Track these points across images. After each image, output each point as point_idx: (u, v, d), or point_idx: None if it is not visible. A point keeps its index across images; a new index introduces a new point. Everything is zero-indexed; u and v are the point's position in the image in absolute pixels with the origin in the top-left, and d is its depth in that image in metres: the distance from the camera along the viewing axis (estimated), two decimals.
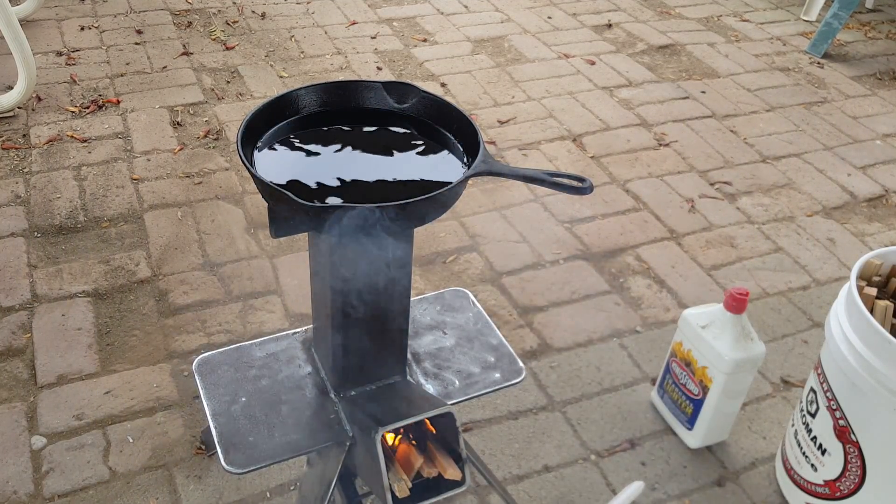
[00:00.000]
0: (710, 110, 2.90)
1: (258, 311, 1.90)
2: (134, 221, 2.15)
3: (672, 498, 1.57)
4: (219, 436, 1.16)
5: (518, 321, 1.94)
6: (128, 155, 2.40)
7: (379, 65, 2.99)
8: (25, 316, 1.84)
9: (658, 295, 2.05)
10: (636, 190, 2.44)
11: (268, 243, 2.11)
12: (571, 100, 2.88)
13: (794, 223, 2.36)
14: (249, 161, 1.00)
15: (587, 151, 2.60)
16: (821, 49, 3.33)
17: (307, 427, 1.18)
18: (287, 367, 1.27)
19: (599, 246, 2.21)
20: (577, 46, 3.25)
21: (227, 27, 3.15)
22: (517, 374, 1.30)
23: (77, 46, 2.93)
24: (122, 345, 1.79)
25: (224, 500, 1.50)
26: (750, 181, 2.53)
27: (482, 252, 2.14)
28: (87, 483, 1.51)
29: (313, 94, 1.11)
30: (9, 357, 1.75)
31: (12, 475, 1.52)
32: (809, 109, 2.97)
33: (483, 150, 0.99)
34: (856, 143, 2.78)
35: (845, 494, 1.43)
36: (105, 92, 2.68)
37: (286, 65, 2.94)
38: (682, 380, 1.63)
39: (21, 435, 1.59)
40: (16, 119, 2.51)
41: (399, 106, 1.12)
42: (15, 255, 2.01)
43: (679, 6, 3.69)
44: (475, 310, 1.41)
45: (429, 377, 1.28)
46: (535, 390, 1.77)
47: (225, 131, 2.53)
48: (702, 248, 2.23)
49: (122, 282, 1.95)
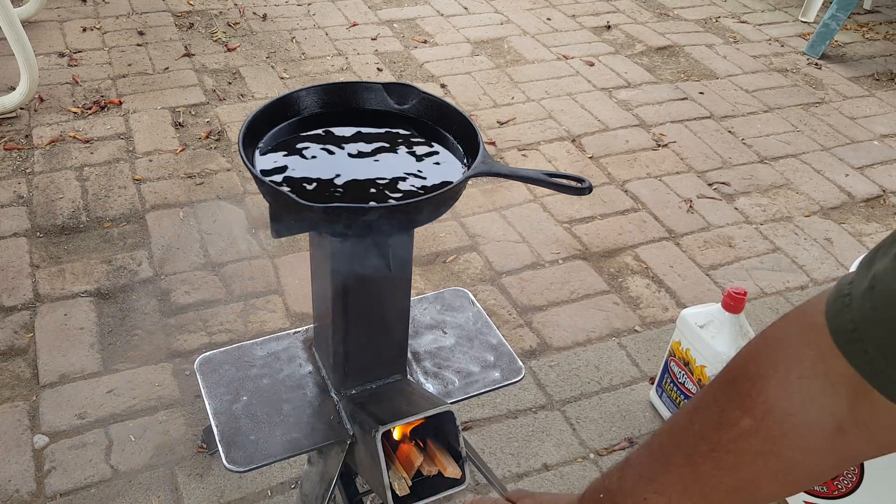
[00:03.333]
0: (709, 111, 2.91)
1: (259, 310, 1.91)
2: (136, 221, 2.15)
3: None
4: (220, 434, 1.16)
5: (517, 320, 1.95)
6: (130, 155, 2.41)
7: (379, 66, 3.00)
8: (28, 315, 1.85)
9: (656, 294, 2.06)
10: (635, 190, 2.45)
11: (269, 243, 2.12)
12: (570, 101, 2.88)
13: (792, 223, 2.37)
14: (251, 161, 1.01)
15: (586, 152, 2.61)
16: (818, 50, 3.34)
17: (308, 426, 1.19)
18: (288, 366, 1.28)
19: (598, 246, 2.22)
20: (576, 48, 3.26)
21: (228, 28, 3.16)
22: (516, 373, 1.31)
23: (79, 47, 2.94)
24: (123, 344, 1.80)
25: (225, 499, 1.51)
26: (748, 181, 2.54)
27: (482, 252, 2.15)
28: (88, 482, 1.52)
29: (314, 95, 1.11)
30: (11, 356, 1.76)
31: (14, 474, 1.53)
32: (807, 110, 2.98)
33: (483, 150, 1.00)
34: (853, 143, 2.79)
35: (843, 493, 1.43)
36: (107, 93, 2.69)
37: (287, 66, 2.95)
38: (681, 379, 1.64)
39: (23, 434, 1.60)
40: (18, 120, 2.52)
41: (399, 107, 1.13)
42: (17, 255, 2.01)
43: (677, 8, 3.70)
44: (475, 309, 1.42)
45: (429, 376, 1.29)
46: (534, 389, 1.78)
47: (226, 132, 2.54)
48: (700, 248, 2.24)
49: (124, 281, 1.96)
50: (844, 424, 0.57)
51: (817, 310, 0.57)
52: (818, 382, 0.57)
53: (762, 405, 0.60)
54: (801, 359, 0.58)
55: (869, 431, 0.56)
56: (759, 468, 0.61)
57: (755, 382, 0.60)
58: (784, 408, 0.59)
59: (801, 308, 0.60)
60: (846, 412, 0.56)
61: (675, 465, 0.66)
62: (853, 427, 0.56)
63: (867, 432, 0.56)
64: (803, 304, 0.60)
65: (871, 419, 0.55)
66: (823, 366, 0.56)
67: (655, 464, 0.69)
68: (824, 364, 0.56)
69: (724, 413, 0.62)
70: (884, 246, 0.53)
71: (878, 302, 0.51)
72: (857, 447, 0.58)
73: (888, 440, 0.57)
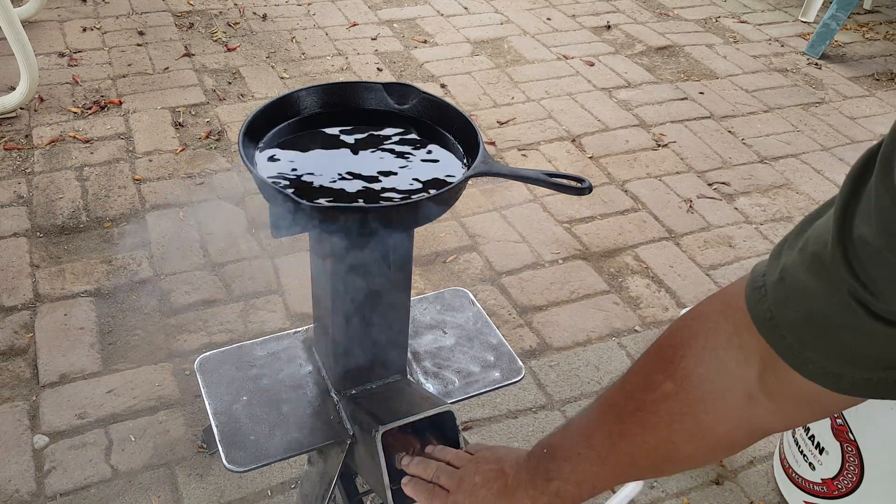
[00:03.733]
0: (709, 111, 2.91)
1: (259, 310, 1.91)
2: (136, 221, 2.15)
3: (671, 496, 1.58)
4: (220, 434, 1.16)
5: (517, 320, 1.95)
6: (130, 155, 2.41)
7: (379, 66, 3.00)
8: (28, 315, 1.85)
9: (656, 294, 2.06)
10: (635, 190, 2.45)
11: (269, 243, 2.12)
12: (570, 101, 2.89)
13: (792, 223, 2.37)
14: (251, 161, 1.01)
15: (586, 152, 2.61)
16: (818, 50, 3.34)
17: (308, 426, 1.19)
18: (288, 366, 1.28)
19: (598, 246, 2.22)
20: (576, 48, 3.26)
21: (228, 28, 3.16)
22: (516, 373, 1.31)
23: (79, 47, 2.94)
24: (123, 344, 1.80)
25: (225, 499, 1.51)
26: (748, 181, 2.54)
27: (482, 252, 2.15)
28: (89, 482, 1.52)
29: (314, 94, 1.11)
30: (11, 356, 1.76)
31: (15, 474, 1.53)
32: (807, 110, 2.98)
33: (483, 150, 1.00)
34: (853, 143, 2.79)
35: (843, 493, 1.43)
36: (107, 93, 2.69)
37: (287, 66, 2.95)
38: None
39: (23, 434, 1.60)
40: (18, 120, 2.52)
41: (399, 107, 1.13)
42: (17, 254, 2.02)
43: (677, 7, 3.70)
44: (475, 309, 1.42)
45: (429, 376, 1.29)
46: (534, 389, 1.78)
47: (226, 132, 2.54)
48: (700, 248, 2.24)
49: (124, 281, 1.96)
50: (754, 393, 0.61)
51: (737, 292, 0.61)
52: (732, 353, 0.61)
53: (682, 371, 0.65)
54: (719, 331, 0.63)
55: (776, 403, 0.61)
56: (676, 429, 0.66)
57: (677, 350, 0.66)
58: (701, 374, 0.64)
59: (724, 289, 0.65)
60: (756, 382, 0.61)
61: (606, 423, 0.72)
62: (762, 397, 0.61)
63: (774, 403, 0.61)
64: (727, 286, 0.65)
65: (777, 391, 0.60)
66: (738, 339, 0.61)
67: (591, 422, 0.75)
68: (739, 337, 0.61)
69: (650, 377, 0.68)
70: (789, 238, 0.58)
71: (789, 292, 0.56)
72: (765, 418, 0.62)
73: (793, 414, 0.62)
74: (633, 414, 0.69)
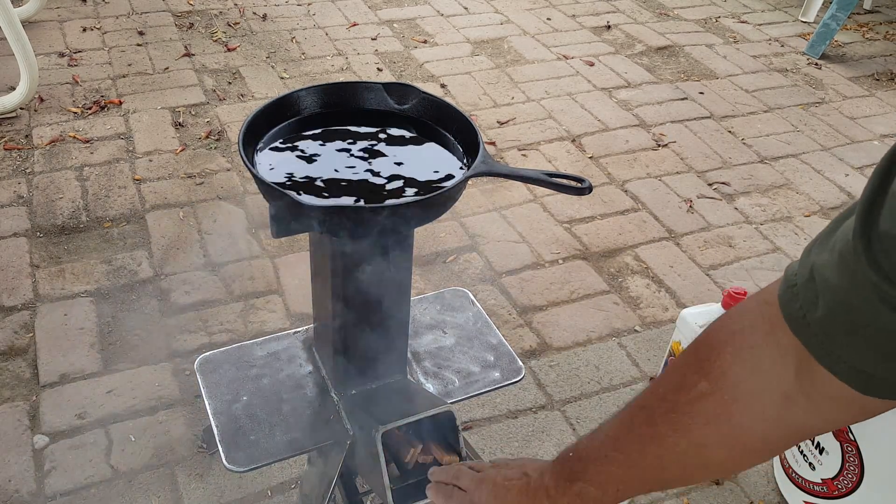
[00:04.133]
0: (709, 111, 2.91)
1: (259, 310, 1.91)
2: (136, 221, 2.16)
3: (671, 496, 1.58)
4: (220, 434, 1.16)
5: (517, 321, 1.95)
6: (130, 155, 2.41)
7: (379, 66, 3.00)
8: (28, 315, 1.85)
9: (656, 294, 2.06)
10: (635, 190, 2.45)
11: (269, 243, 2.12)
12: (570, 101, 2.89)
13: (792, 223, 2.37)
14: (251, 161, 1.01)
15: (586, 152, 2.61)
16: (818, 50, 3.34)
17: (308, 426, 1.19)
18: (288, 366, 1.28)
19: (598, 246, 2.22)
20: (576, 48, 3.26)
21: (228, 28, 3.16)
22: (516, 373, 1.31)
23: (79, 47, 2.94)
24: (123, 344, 1.80)
25: (226, 499, 1.51)
26: (748, 181, 2.54)
27: (482, 252, 2.15)
28: (89, 482, 1.52)
29: (314, 94, 1.11)
30: (11, 356, 1.76)
31: (14, 474, 1.53)
32: (807, 110, 2.98)
33: (483, 150, 1.00)
34: (853, 143, 2.79)
35: (843, 493, 1.43)
36: (107, 93, 2.69)
37: (287, 66, 2.95)
38: None
39: (23, 434, 1.60)
40: (18, 120, 2.52)
41: (399, 107, 1.13)
42: (17, 254, 2.02)
43: (677, 7, 3.70)
44: (475, 309, 1.42)
45: (429, 376, 1.29)
46: (534, 389, 1.78)
47: (226, 132, 2.54)
48: (700, 248, 2.24)
49: (124, 281, 1.96)
50: (791, 393, 0.60)
51: (774, 290, 0.61)
52: (768, 351, 0.60)
53: (718, 369, 0.63)
54: (755, 329, 0.62)
55: (813, 402, 0.59)
56: (711, 431, 0.64)
57: (714, 349, 0.65)
58: (737, 373, 0.62)
59: (763, 289, 0.64)
60: (792, 381, 0.59)
61: (637, 425, 0.71)
62: (799, 397, 0.59)
63: (812, 403, 0.59)
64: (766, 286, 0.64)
65: (813, 390, 0.58)
66: (774, 338, 0.60)
67: (621, 425, 0.73)
68: (775, 336, 0.60)
69: (684, 377, 0.67)
70: (820, 237, 0.57)
71: (818, 290, 0.55)
72: (803, 418, 0.61)
73: (832, 413, 0.60)
74: (665, 415, 0.67)
